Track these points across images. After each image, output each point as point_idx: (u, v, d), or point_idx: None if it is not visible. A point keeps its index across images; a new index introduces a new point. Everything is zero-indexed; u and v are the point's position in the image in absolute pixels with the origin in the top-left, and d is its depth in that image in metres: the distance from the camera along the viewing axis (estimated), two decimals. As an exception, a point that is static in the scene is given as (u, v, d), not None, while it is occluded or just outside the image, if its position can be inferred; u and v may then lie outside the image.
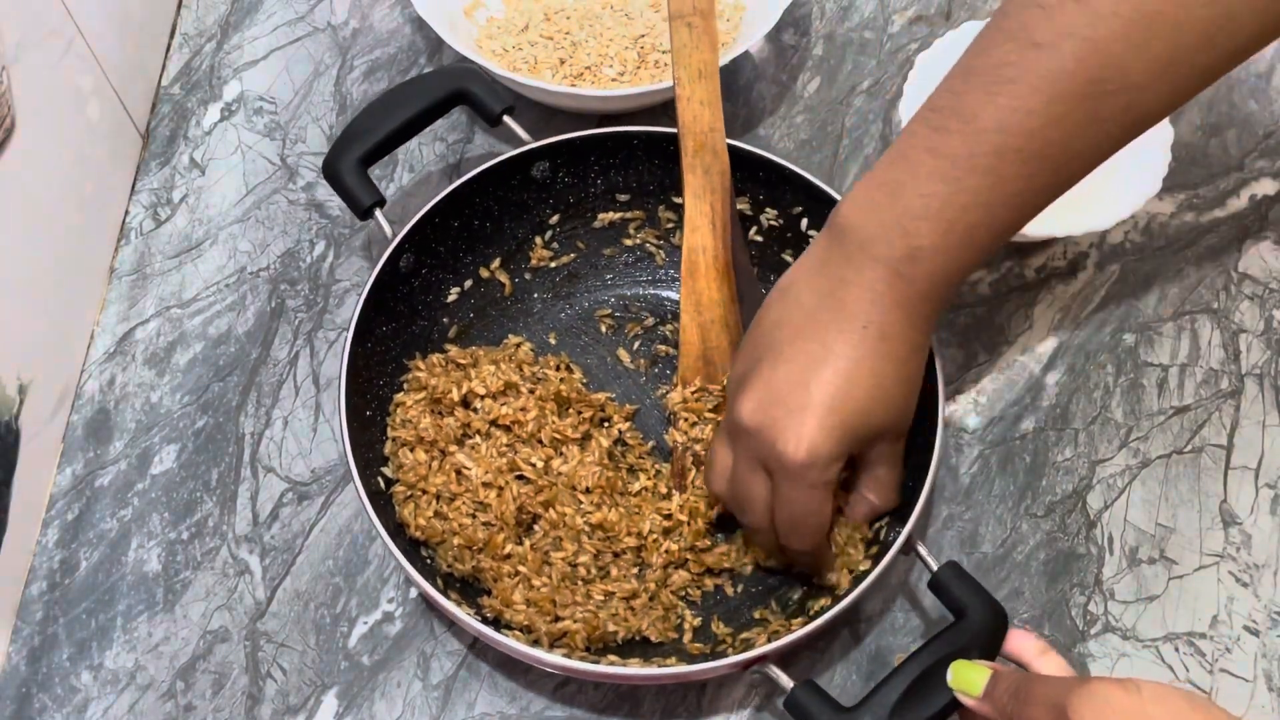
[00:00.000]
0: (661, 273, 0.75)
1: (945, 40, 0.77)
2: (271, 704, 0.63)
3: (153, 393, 0.72)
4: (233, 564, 0.67)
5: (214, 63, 0.85)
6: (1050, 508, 0.68)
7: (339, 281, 0.76)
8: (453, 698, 0.63)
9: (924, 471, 0.60)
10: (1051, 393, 0.72)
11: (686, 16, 0.67)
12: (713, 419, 0.66)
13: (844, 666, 0.64)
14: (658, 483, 0.66)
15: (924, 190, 0.52)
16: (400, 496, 0.64)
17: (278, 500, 0.69)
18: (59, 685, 0.64)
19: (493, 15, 0.84)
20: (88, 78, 0.73)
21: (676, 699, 0.63)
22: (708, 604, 0.65)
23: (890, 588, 0.66)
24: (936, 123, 0.53)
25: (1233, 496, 0.69)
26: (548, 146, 0.70)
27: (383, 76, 0.84)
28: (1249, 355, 0.73)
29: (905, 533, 0.58)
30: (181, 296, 0.75)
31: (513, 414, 0.66)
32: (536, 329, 0.73)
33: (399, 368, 0.68)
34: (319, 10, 0.87)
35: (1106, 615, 0.65)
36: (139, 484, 0.69)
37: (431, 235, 0.68)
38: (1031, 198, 0.53)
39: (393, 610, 0.66)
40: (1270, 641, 0.65)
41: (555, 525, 0.64)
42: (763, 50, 0.85)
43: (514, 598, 0.61)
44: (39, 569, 0.67)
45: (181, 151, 0.81)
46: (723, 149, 0.66)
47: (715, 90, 0.66)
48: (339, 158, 0.69)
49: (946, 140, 0.52)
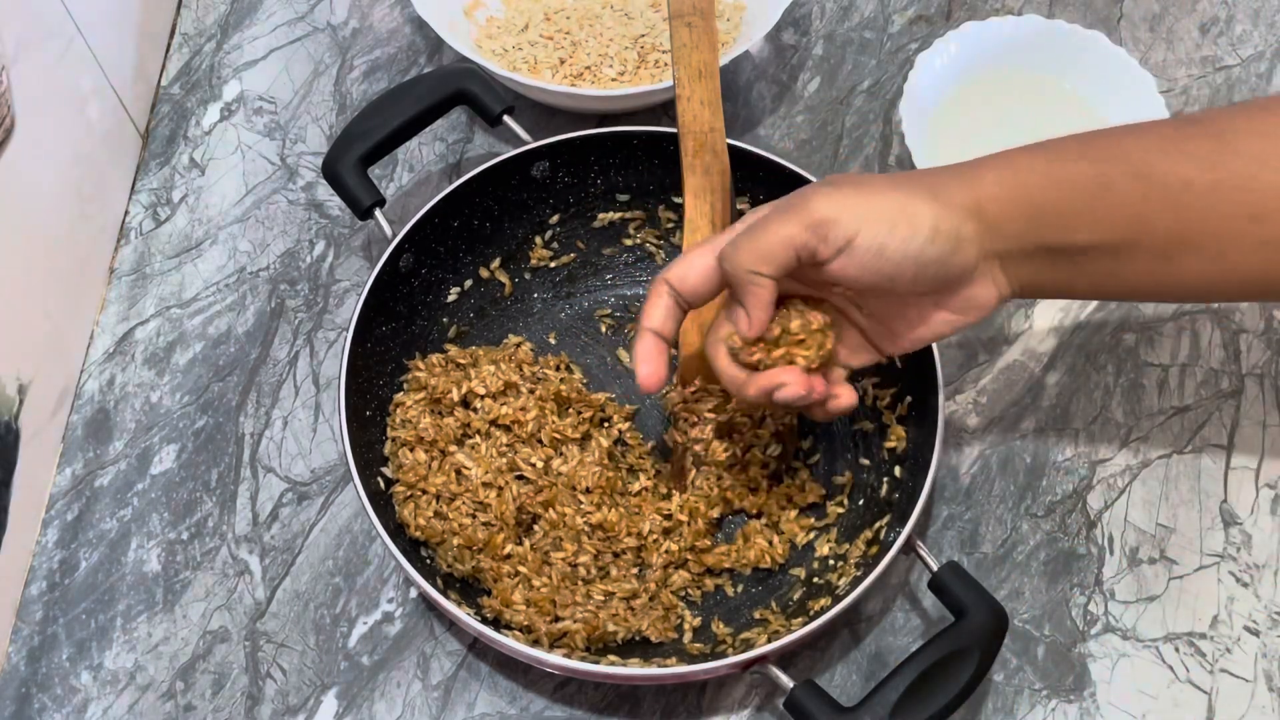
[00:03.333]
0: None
1: (945, 40, 0.77)
2: (271, 704, 0.63)
3: (153, 393, 0.72)
4: (232, 564, 0.67)
5: (214, 63, 0.85)
6: (1050, 508, 0.68)
7: (339, 281, 0.76)
8: (453, 698, 0.63)
9: (924, 471, 0.60)
10: (1051, 393, 0.72)
11: (686, 16, 0.67)
12: (713, 419, 0.66)
13: (844, 666, 0.64)
14: (658, 483, 0.66)
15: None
16: (400, 496, 0.64)
17: (277, 500, 0.69)
18: (59, 685, 0.64)
19: (493, 15, 0.84)
20: (88, 78, 0.73)
21: (676, 699, 0.63)
22: (708, 604, 0.65)
23: (890, 588, 0.66)
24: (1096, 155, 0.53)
25: (1233, 496, 0.69)
26: (548, 146, 0.70)
27: (383, 76, 0.84)
28: (1249, 355, 0.73)
29: (905, 533, 0.58)
30: (181, 296, 0.75)
31: (513, 414, 0.66)
32: (536, 329, 0.73)
33: (399, 368, 0.68)
34: (319, 10, 0.87)
35: (1107, 615, 0.65)
36: (139, 484, 0.69)
37: (431, 235, 0.68)
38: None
39: (393, 610, 0.66)
40: (1270, 641, 0.65)
41: (555, 525, 0.64)
42: (763, 50, 0.85)
43: (514, 598, 0.61)
44: (39, 569, 0.67)
45: (181, 151, 0.81)
46: (723, 149, 0.66)
47: (715, 90, 0.66)
48: (339, 158, 0.69)
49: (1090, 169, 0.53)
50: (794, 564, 0.65)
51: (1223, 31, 0.86)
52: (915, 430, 0.64)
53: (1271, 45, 0.86)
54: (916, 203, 0.52)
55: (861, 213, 0.52)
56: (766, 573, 0.65)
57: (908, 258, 0.52)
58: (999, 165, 0.54)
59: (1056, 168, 0.53)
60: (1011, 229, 0.53)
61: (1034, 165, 0.54)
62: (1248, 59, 0.85)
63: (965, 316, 0.56)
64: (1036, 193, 0.53)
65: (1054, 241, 0.53)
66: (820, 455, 0.69)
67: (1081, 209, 0.52)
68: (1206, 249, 0.52)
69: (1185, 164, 0.52)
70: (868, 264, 0.52)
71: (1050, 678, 0.64)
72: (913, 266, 0.52)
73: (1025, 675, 0.64)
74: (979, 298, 0.55)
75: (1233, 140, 0.52)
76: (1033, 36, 0.78)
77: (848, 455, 0.68)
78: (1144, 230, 0.52)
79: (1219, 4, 0.88)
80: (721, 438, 0.65)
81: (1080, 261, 0.54)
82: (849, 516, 0.66)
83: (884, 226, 0.51)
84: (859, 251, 0.51)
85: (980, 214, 0.53)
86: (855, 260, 0.52)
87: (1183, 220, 0.52)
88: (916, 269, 0.52)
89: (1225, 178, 0.51)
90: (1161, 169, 0.52)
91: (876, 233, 0.51)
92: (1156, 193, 0.52)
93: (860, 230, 0.51)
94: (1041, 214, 0.53)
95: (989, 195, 0.53)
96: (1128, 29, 0.87)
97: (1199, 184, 0.51)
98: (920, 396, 0.63)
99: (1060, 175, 0.53)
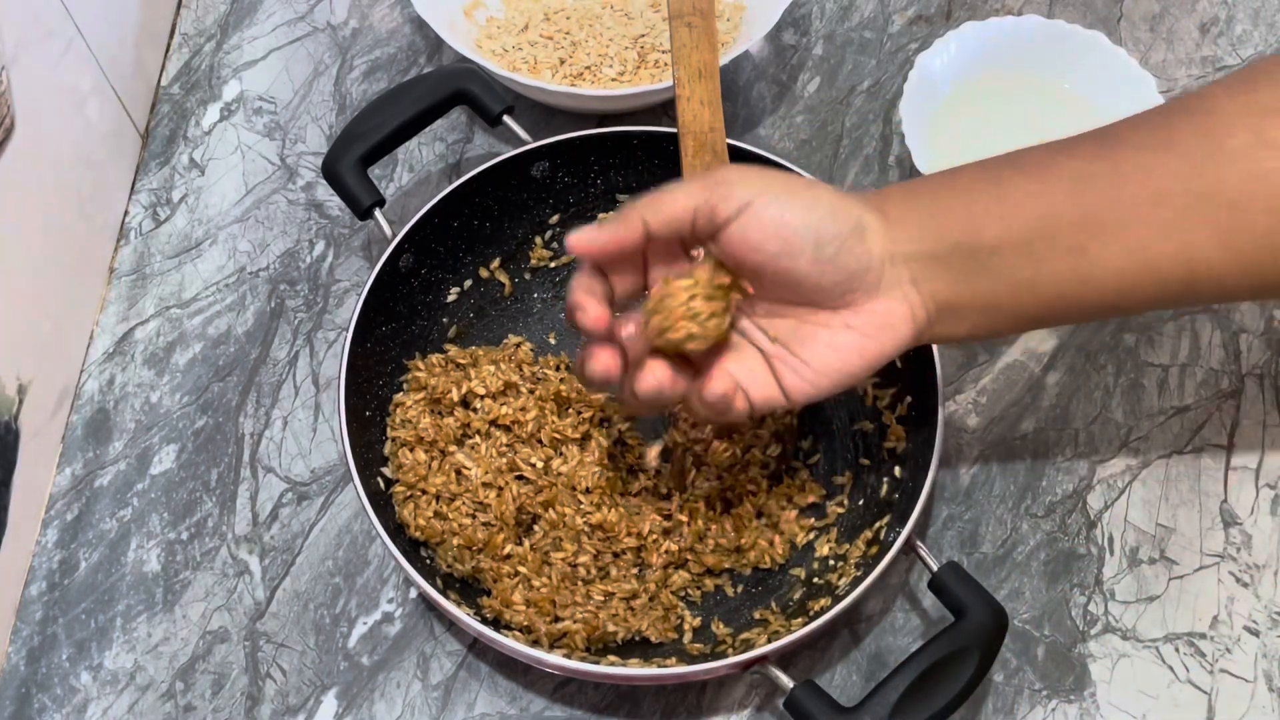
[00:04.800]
0: (661, 273, 0.75)
1: (945, 40, 0.77)
2: (271, 704, 0.63)
3: (152, 393, 0.72)
4: (232, 564, 0.67)
5: (213, 63, 0.85)
6: (1050, 508, 0.68)
7: (339, 281, 0.76)
8: (453, 698, 0.63)
9: (924, 471, 0.60)
10: (1051, 393, 0.72)
11: (686, 16, 0.67)
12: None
13: (844, 666, 0.64)
14: (658, 483, 0.66)
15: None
16: (400, 496, 0.64)
17: (277, 500, 0.69)
18: (58, 685, 0.64)
19: (492, 15, 0.84)
20: (88, 78, 0.73)
21: (676, 699, 0.63)
22: (708, 604, 0.65)
23: (890, 588, 0.66)
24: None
25: (1233, 496, 0.69)
26: (547, 146, 0.70)
27: (383, 76, 0.84)
28: (1249, 355, 0.73)
29: (905, 533, 0.58)
30: (181, 296, 0.75)
31: (512, 414, 0.66)
32: (536, 329, 0.73)
33: (399, 368, 0.68)
34: (319, 10, 0.87)
35: (1107, 615, 0.65)
36: (138, 484, 0.69)
37: (431, 235, 0.68)
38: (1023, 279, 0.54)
39: (392, 610, 0.66)
40: (1270, 641, 0.65)
41: (555, 525, 0.64)
42: (763, 50, 0.85)
43: (514, 598, 0.61)
44: (38, 569, 0.67)
45: (181, 151, 0.81)
46: (723, 149, 0.65)
47: (715, 90, 0.66)
48: (339, 158, 0.69)
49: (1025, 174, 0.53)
50: (794, 564, 0.65)
51: (1223, 31, 0.86)
52: (915, 430, 0.64)
53: (1271, 45, 0.86)
54: (819, 187, 0.53)
55: (764, 184, 0.52)
56: (766, 573, 0.65)
57: (808, 226, 0.51)
58: (900, 185, 0.56)
59: (950, 178, 0.55)
60: (912, 229, 0.53)
61: (929, 180, 0.56)
62: (1248, 59, 0.85)
63: (877, 341, 0.53)
64: (937, 196, 0.54)
65: (961, 238, 0.52)
66: (820, 455, 0.69)
67: (982, 205, 0.53)
68: (1117, 236, 0.52)
69: (1071, 160, 0.53)
70: (766, 229, 0.51)
71: (1050, 678, 0.64)
72: (813, 236, 0.51)
73: (1025, 675, 0.64)
74: (890, 314, 0.53)
75: (1116, 131, 0.53)
76: (1033, 36, 0.78)
77: (848, 455, 0.68)
78: (1050, 220, 0.52)
79: (1219, 4, 0.88)
80: (721, 438, 0.65)
81: (994, 265, 0.52)
82: (849, 516, 0.65)
83: (784, 194, 0.52)
84: (756, 212, 0.51)
85: (882, 212, 0.53)
86: (754, 223, 0.51)
87: (1085, 205, 0.52)
88: (817, 240, 0.51)
89: (1119, 163, 0.52)
90: (1056, 163, 0.53)
91: (776, 196, 0.51)
92: (1054, 184, 0.52)
93: (761, 193, 0.51)
94: (943, 212, 0.53)
95: (892, 201, 0.54)
96: (1128, 29, 0.87)
97: (1094, 170, 0.52)
98: (920, 396, 0.63)
99: (955, 182, 0.55)
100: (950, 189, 0.54)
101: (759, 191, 0.51)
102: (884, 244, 0.52)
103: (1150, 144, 0.52)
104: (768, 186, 0.52)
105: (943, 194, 0.54)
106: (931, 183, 0.56)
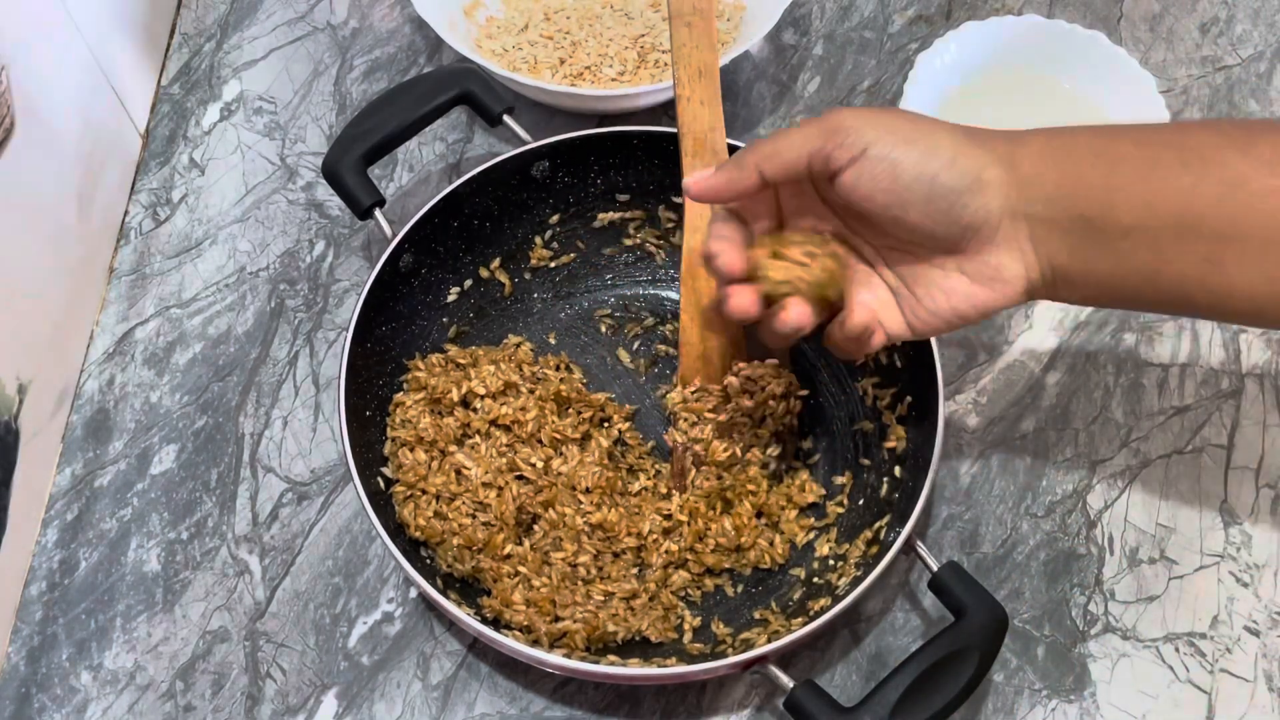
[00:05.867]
0: (661, 273, 0.75)
1: (945, 40, 0.77)
2: (271, 704, 0.63)
3: (152, 393, 0.72)
4: (232, 564, 0.67)
5: (213, 62, 0.85)
6: (1050, 508, 0.68)
7: (339, 281, 0.76)
8: (453, 698, 0.63)
9: (924, 471, 0.60)
10: (1051, 393, 0.72)
11: (686, 16, 0.67)
12: (712, 419, 0.66)
13: (844, 666, 0.64)
14: (658, 483, 0.66)
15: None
16: (400, 496, 0.64)
17: (277, 500, 0.69)
18: (58, 685, 0.64)
19: (492, 15, 0.84)
20: (88, 78, 0.73)
21: (676, 699, 0.63)
22: (708, 604, 0.65)
23: (890, 588, 0.66)
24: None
25: (1233, 496, 0.69)
26: (548, 146, 0.70)
27: (383, 76, 0.84)
28: (1249, 355, 0.73)
29: (905, 533, 0.58)
30: (181, 296, 0.75)
31: (512, 414, 0.66)
32: (536, 329, 0.73)
33: (399, 368, 0.68)
34: (319, 10, 0.87)
35: (1107, 615, 0.65)
36: (138, 484, 0.69)
37: (431, 235, 0.68)
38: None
39: (392, 610, 0.66)
40: (1270, 641, 0.65)
41: (555, 525, 0.64)
42: (763, 50, 0.85)
43: (514, 598, 0.61)
44: (39, 569, 0.67)
45: (181, 151, 0.81)
46: (723, 149, 0.65)
47: (715, 90, 0.66)
48: (339, 158, 0.69)
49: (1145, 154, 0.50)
50: (794, 564, 0.65)
51: (1223, 31, 0.87)
52: (915, 430, 0.64)
53: (1271, 45, 0.86)
54: (941, 133, 0.51)
55: (882, 128, 0.51)
56: (766, 573, 0.65)
57: (921, 178, 0.50)
58: (1047, 131, 0.52)
59: (1104, 142, 0.52)
60: (1046, 189, 0.51)
61: (1080, 137, 0.52)
62: (1248, 59, 0.85)
63: (988, 291, 0.53)
64: (1082, 160, 0.51)
65: (1093, 214, 0.50)
66: (820, 455, 0.69)
67: (1125, 184, 0.50)
68: (1256, 260, 0.48)
69: (1243, 161, 0.49)
70: (880, 178, 0.50)
71: (1050, 678, 0.64)
72: (925, 189, 0.50)
73: (1025, 675, 0.64)
74: (1004, 268, 0.52)
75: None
76: (1033, 36, 0.78)
77: (848, 455, 0.68)
78: (1190, 222, 0.49)
79: (1219, 4, 0.88)
80: (721, 438, 0.66)
81: (1120, 249, 0.50)
82: (849, 516, 0.65)
83: (900, 140, 0.50)
84: (871, 161, 0.50)
85: (1013, 165, 0.51)
86: (867, 171, 0.50)
87: (1234, 221, 0.48)
88: (929, 194, 0.50)
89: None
90: (1217, 160, 0.49)
91: (893, 144, 0.50)
92: (1208, 184, 0.49)
93: (877, 140, 0.50)
94: (1082, 180, 0.50)
95: (1029, 151, 0.51)
96: (1128, 29, 0.87)
97: (1255, 185, 0.48)
98: (920, 396, 0.63)
99: (1107, 149, 0.51)
100: (1098, 155, 0.51)
101: (875, 139, 0.50)
102: (1005, 199, 0.51)
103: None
104: (887, 131, 0.51)
105: (1088, 160, 0.51)
106: (1080, 142, 0.52)
